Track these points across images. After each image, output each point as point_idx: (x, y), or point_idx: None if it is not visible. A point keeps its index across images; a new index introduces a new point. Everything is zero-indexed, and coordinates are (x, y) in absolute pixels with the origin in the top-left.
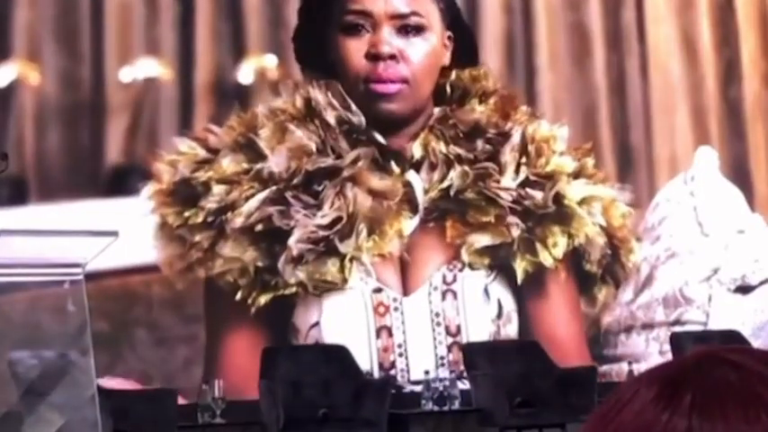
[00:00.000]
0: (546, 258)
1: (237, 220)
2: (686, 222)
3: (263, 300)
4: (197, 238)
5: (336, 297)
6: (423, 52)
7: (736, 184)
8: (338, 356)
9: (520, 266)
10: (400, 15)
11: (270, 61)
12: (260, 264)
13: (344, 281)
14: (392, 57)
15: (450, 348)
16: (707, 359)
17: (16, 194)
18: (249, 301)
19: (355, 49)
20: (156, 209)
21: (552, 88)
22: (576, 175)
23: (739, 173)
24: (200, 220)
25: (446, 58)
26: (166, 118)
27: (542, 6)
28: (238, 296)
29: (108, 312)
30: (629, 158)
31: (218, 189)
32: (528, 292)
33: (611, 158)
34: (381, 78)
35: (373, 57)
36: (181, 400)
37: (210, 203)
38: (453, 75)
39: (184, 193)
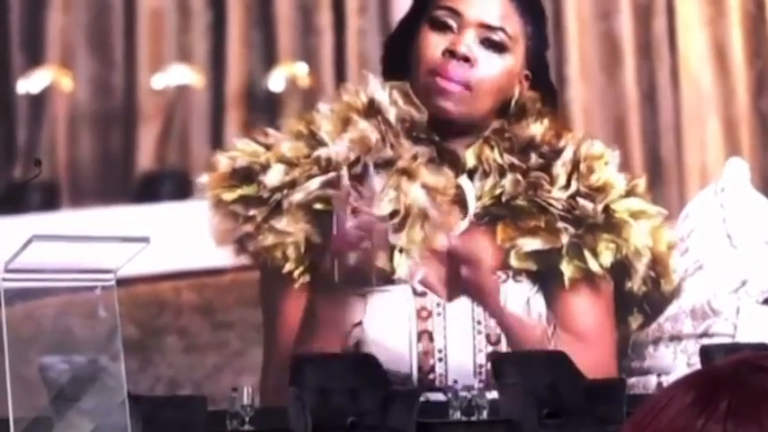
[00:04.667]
0: (594, 265)
1: (298, 195)
2: (715, 234)
3: (308, 277)
4: (251, 212)
5: (380, 298)
6: (495, 68)
7: (766, 196)
8: (366, 365)
9: (567, 270)
10: (489, 26)
11: (301, 69)
12: (314, 240)
13: (393, 271)
14: (466, 59)
15: (488, 357)
16: (743, 366)
17: (49, 200)
18: (295, 275)
19: (435, 43)
20: (211, 190)
21: (583, 98)
22: (628, 193)
23: None
24: (256, 193)
25: (515, 91)
26: (197, 125)
27: (573, 16)
28: (285, 268)
29: (138, 318)
30: (659, 169)
31: (277, 168)
32: (562, 292)
33: (641, 169)
34: (448, 75)
35: (449, 53)
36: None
37: (270, 179)
38: (517, 92)
39: (242, 174)
